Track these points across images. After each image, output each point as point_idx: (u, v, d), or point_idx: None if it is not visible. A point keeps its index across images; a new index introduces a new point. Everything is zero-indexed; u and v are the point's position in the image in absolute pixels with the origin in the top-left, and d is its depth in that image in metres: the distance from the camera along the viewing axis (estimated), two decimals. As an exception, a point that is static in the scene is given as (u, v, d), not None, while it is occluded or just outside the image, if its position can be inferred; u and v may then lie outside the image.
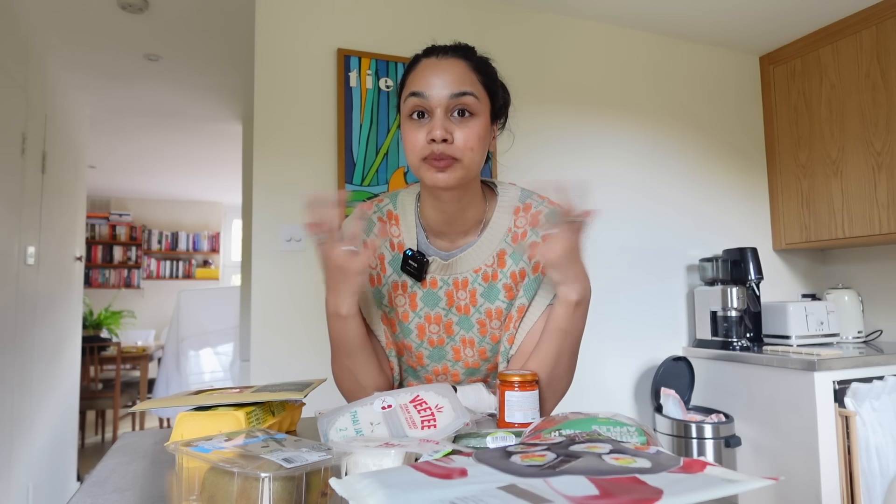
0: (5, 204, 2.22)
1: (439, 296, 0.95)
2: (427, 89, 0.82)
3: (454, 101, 0.82)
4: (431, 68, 0.84)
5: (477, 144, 0.83)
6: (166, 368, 4.59)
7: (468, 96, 0.82)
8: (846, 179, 2.49)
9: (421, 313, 0.96)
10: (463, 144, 0.82)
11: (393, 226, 0.97)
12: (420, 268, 0.92)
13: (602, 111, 2.50)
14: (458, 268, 0.94)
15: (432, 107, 0.82)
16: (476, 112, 0.83)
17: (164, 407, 0.81)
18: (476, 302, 0.94)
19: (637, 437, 0.66)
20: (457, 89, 0.82)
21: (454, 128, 0.82)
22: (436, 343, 0.97)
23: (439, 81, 0.82)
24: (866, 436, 1.99)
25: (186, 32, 2.59)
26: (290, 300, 1.94)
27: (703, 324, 2.48)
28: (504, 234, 0.93)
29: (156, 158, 4.98)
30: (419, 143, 0.83)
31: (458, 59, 0.85)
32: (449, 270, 0.94)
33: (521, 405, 0.83)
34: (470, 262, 0.93)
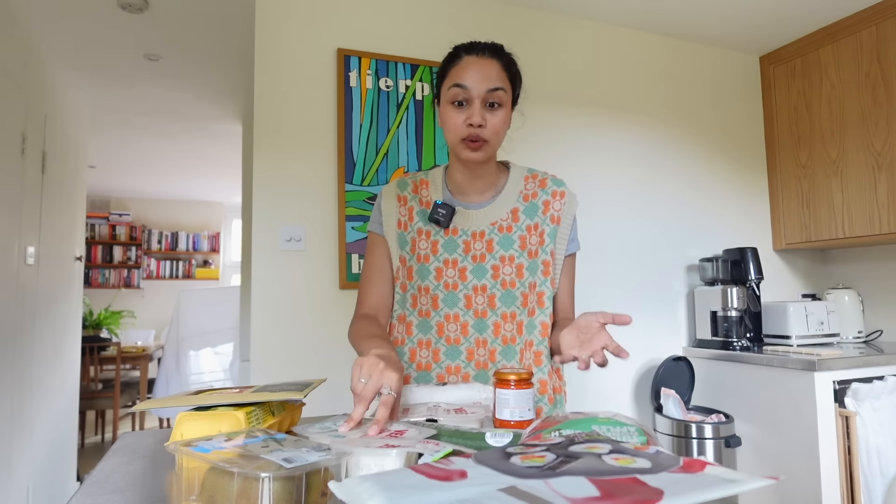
0: (5, 204, 2.22)
1: (458, 243, 1.12)
2: (469, 82, 1.03)
3: (489, 94, 1.03)
4: (473, 65, 1.04)
5: (502, 129, 1.06)
6: (166, 368, 4.59)
7: (499, 91, 1.04)
8: (846, 179, 2.49)
9: (440, 258, 1.12)
10: (492, 129, 1.04)
11: (423, 188, 1.18)
12: (447, 215, 1.11)
13: (602, 111, 2.50)
14: (477, 220, 1.13)
15: (472, 97, 1.03)
16: (503, 103, 1.05)
17: (164, 407, 0.81)
18: (493, 249, 1.11)
19: (637, 438, 0.66)
20: (492, 85, 1.03)
21: (487, 115, 1.04)
22: (450, 287, 1.12)
23: (479, 77, 1.03)
24: (866, 436, 1.99)
25: (186, 32, 2.59)
26: (290, 300, 1.94)
27: (703, 324, 2.48)
28: (517, 195, 1.14)
29: (156, 158, 4.98)
30: (459, 126, 1.04)
31: (494, 59, 1.05)
32: (469, 221, 1.13)
33: (515, 403, 0.83)
34: (488, 217, 1.13)
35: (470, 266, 1.11)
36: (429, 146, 2.15)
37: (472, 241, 1.12)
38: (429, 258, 1.13)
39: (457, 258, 1.12)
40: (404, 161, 2.10)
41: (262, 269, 1.92)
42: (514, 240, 1.11)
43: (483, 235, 1.12)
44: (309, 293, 1.96)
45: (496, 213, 1.13)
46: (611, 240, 2.46)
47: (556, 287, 1.13)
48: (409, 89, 2.14)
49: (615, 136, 2.52)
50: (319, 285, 1.97)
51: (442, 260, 1.12)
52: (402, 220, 1.15)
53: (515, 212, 1.13)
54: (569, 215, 1.13)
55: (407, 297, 1.14)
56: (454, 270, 1.12)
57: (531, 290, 1.11)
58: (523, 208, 1.13)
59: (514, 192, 1.14)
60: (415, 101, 2.14)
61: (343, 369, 1.97)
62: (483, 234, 1.12)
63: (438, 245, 1.13)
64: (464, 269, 1.12)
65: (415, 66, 2.16)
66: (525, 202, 1.14)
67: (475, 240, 1.12)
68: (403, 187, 1.18)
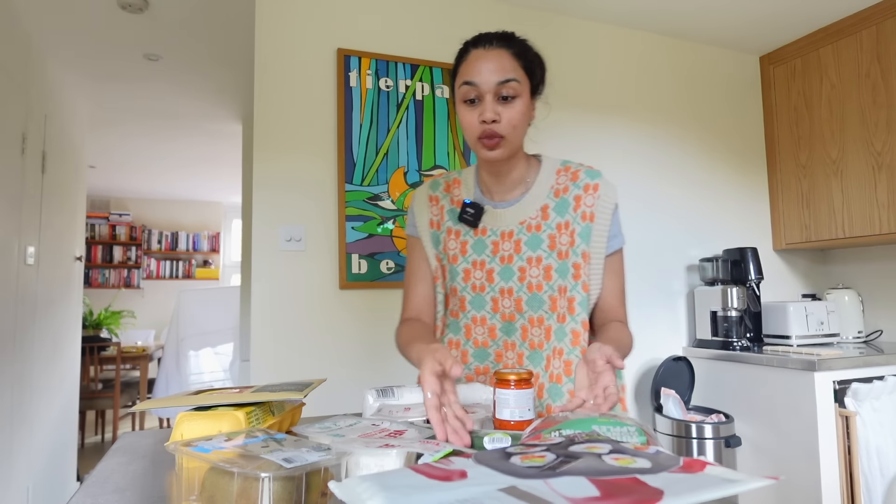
0: (5, 204, 2.22)
1: (486, 243, 1.08)
2: (477, 78, 0.97)
3: (500, 87, 0.97)
4: (480, 59, 0.98)
5: (519, 121, 0.99)
6: (166, 368, 4.58)
7: (511, 82, 0.97)
8: (846, 179, 2.49)
9: (469, 258, 1.09)
10: (508, 123, 0.98)
11: (455, 188, 1.15)
12: (475, 214, 1.08)
13: (602, 111, 2.50)
14: (506, 219, 1.08)
15: (482, 93, 0.97)
16: (518, 94, 0.98)
17: (164, 407, 0.81)
18: (520, 250, 1.06)
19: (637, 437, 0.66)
20: (502, 77, 0.97)
21: (500, 109, 0.98)
22: (477, 289, 1.08)
23: (487, 71, 0.97)
24: (866, 436, 1.99)
25: (186, 32, 2.59)
26: (290, 300, 1.94)
27: (703, 324, 2.48)
28: (548, 191, 1.07)
29: (156, 158, 4.98)
30: (473, 124, 0.99)
31: (502, 48, 0.99)
32: (498, 221, 1.08)
33: (515, 403, 0.83)
34: (517, 215, 1.07)
35: (497, 267, 1.07)
36: (429, 146, 2.15)
37: (501, 242, 1.07)
38: (457, 259, 1.10)
39: (485, 259, 1.08)
40: (404, 161, 2.10)
41: (262, 269, 1.92)
42: (542, 239, 1.05)
43: (511, 235, 1.07)
44: (309, 293, 1.96)
45: (525, 211, 1.07)
46: (611, 240, 2.46)
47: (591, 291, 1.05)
48: (409, 89, 2.14)
49: (615, 135, 2.52)
50: (319, 285, 1.97)
51: (470, 261, 1.09)
52: (433, 219, 1.14)
53: (545, 209, 1.06)
54: (605, 210, 1.04)
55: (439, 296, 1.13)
56: (482, 272, 1.08)
57: (561, 295, 1.04)
58: (554, 205, 1.06)
59: (544, 188, 1.08)
60: (415, 101, 2.14)
61: (343, 369, 1.97)
62: (511, 233, 1.07)
63: (467, 245, 1.10)
64: (491, 271, 1.07)
65: (415, 66, 2.16)
66: (556, 198, 1.06)
67: (503, 240, 1.07)
68: (435, 187, 1.16)
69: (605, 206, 1.04)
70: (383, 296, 2.05)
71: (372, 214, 2.04)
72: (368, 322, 2.02)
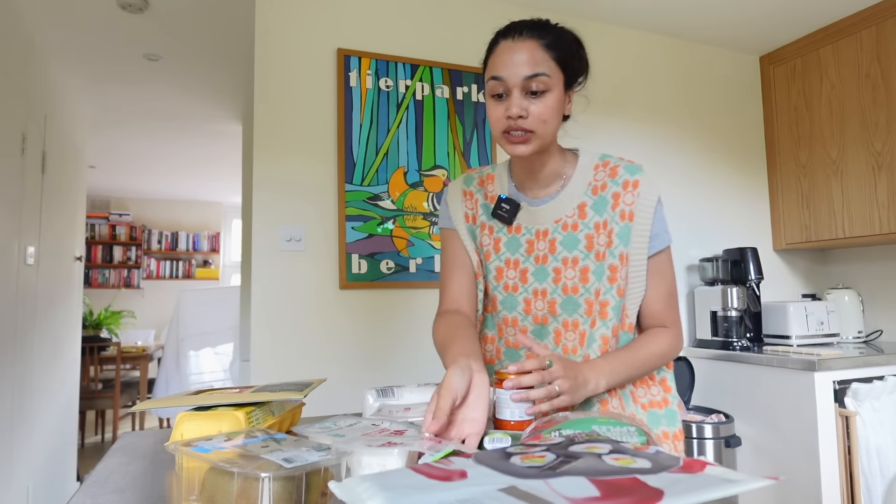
0: (5, 204, 2.22)
1: (521, 242, 1.03)
2: (504, 72, 0.92)
3: (528, 82, 0.91)
4: (508, 52, 0.93)
5: (550, 116, 0.93)
6: (166, 368, 4.59)
7: (540, 77, 0.91)
8: (846, 179, 2.49)
9: (502, 257, 1.04)
10: (537, 118, 0.92)
11: (489, 183, 1.10)
12: (511, 211, 1.02)
13: (602, 111, 2.50)
14: (541, 217, 1.02)
15: (509, 87, 0.92)
16: (549, 87, 0.92)
17: (164, 407, 0.81)
18: (555, 250, 1.00)
19: (637, 438, 0.66)
20: (529, 71, 0.91)
21: (529, 104, 0.92)
22: (510, 289, 1.03)
23: (514, 64, 0.91)
24: (866, 436, 1.99)
25: (186, 32, 2.59)
26: (290, 300, 1.94)
27: (703, 324, 2.48)
28: (585, 188, 1.01)
29: (156, 158, 4.98)
30: (500, 119, 0.94)
31: (532, 39, 0.93)
32: (533, 219, 1.02)
33: (514, 403, 0.83)
34: (553, 213, 1.01)
35: (532, 268, 1.01)
36: (429, 146, 2.15)
37: (536, 241, 1.02)
38: (490, 255, 1.05)
39: (519, 258, 1.03)
40: (404, 161, 2.10)
41: (262, 269, 1.92)
42: (579, 239, 0.99)
43: (546, 234, 1.01)
44: (309, 293, 1.96)
45: (561, 208, 1.01)
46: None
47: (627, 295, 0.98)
48: (409, 89, 2.14)
49: (615, 135, 2.52)
50: (319, 285, 1.97)
51: (503, 259, 1.04)
52: (469, 213, 1.09)
53: (583, 207, 1.00)
54: (646, 208, 0.97)
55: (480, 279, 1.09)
56: (515, 272, 1.03)
57: (596, 298, 0.98)
58: (591, 203, 0.99)
59: (581, 184, 1.01)
60: (415, 101, 2.14)
61: (343, 369, 1.97)
62: (546, 232, 1.01)
63: (501, 243, 1.05)
64: (525, 271, 1.02)
65: (415, 66, 2.16)
66: (594, 195, 1.00)
67: (538, 239, 1.01)
68: (469, 182, 1.11)
69: (645, 204, 0.97)
70: (383, 296, 2.05)
71: (372, 214, 2.04)
72: (368, 322, 2.02)
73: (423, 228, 2.10)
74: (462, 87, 2.22)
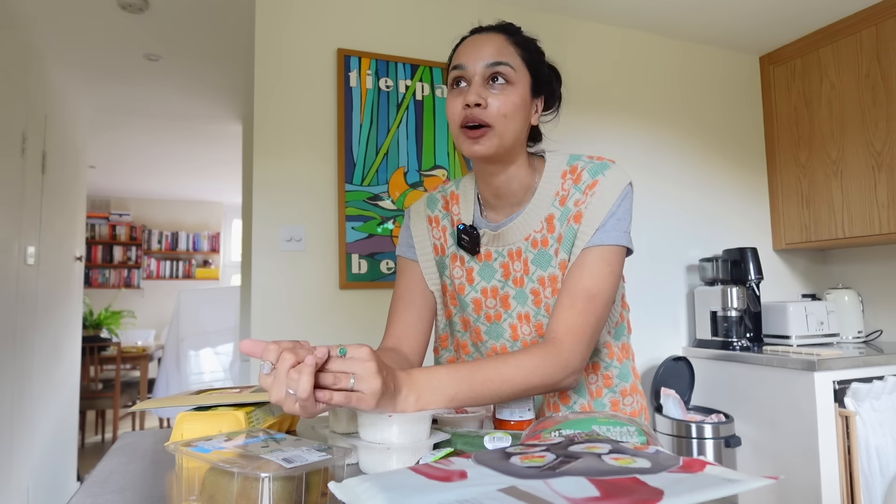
0: (5, 204, 2.22)
1: (494, 268, 0.94)
2: (465, 60, 0.87)
3: (490, 69, 0.85)
4: (472, 42, 0.89)
5: (511, 111, 0.85)
6: (166, 368, 4.59)
7: (504, 66, 0.85)
8: (846, 179, 2.49)
9: (477, 287, 0.95)
10: (497, 111, 0.84)
11: (454, 204, 1.00)
12: (472, 241, 0.94)
13: (602, 111, 2.50)
14: (509, 237, 0.93)
15: (470, 76, 0.86)
16: (512, 81, 0.86)
17: (164, 407, 0.81)
18: (528, 270, 0.91)
19: (637, 438, 0.66)
20: (492, 59, 0.85)
21: (489, 95, 0.85)
22: (493, 318, 0.95)
23: (477, 52, 0.86)
24: (866, 436, 1.99)
25: (186, 32, 2.59)
26: (290, 300, 1.94)
27: (703, 324, 2.48)
28: (552, 199, 0.91)
29: (156, 158, 4.98)
30: (456, 110, 0.86)
31: (499, 33, 0.90)
32: (500, 241, 0.93)
33: (514, 403, 0.83)
34: (520, 231, 0.92)
35: (512, 292, 0.93)
36: (429, 146, 2.15)
37: (511, 262, 0.92)
38: (464, 288, 0.96)
39: (496, 285, 0.94)
40: (404, 161, 2.10)
41: (262, 269, 1.92)
42: (550, 255, 0.90)
43: (520, 254, 0.92)
44: (309, 293, 1.96)
45: (529, 224, 0.91)
46: (611, 240, 2.46)
47: None
48: (409, 89, 2.14)
49: (615, 136, 2.52)
50: (319, 285, 1.97)
51: (479, 289, 0.95)
52: (437, 244, 1.00)
53: (551, 219, 0.90)
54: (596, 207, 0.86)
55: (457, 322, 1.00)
56: (495, 300, 0.94)
57: None
58: (559, 214, 0.90)
59: (548, 195, 0.91)
60: (415, 101, 2.14)
61: (343, 369, 1.97)
62: (520, 252, 0.92)
63: (474, 273, 0.95)
64: (506, 297, 0.93)
65: (415, 66, 2.16)
66: (561, 206, 0.90)
67: (513, 260, 0.92)
68: (433, 206, 1.02)
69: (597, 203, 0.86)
70: (383, 296, 2.05)
71: (372, 214, 2.04)
72: (368, 322, 2.02)
73: (423, 228, 2.10)
74: (462, 87, 2.22)
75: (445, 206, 1.01)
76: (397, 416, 0.68)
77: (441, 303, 1.03)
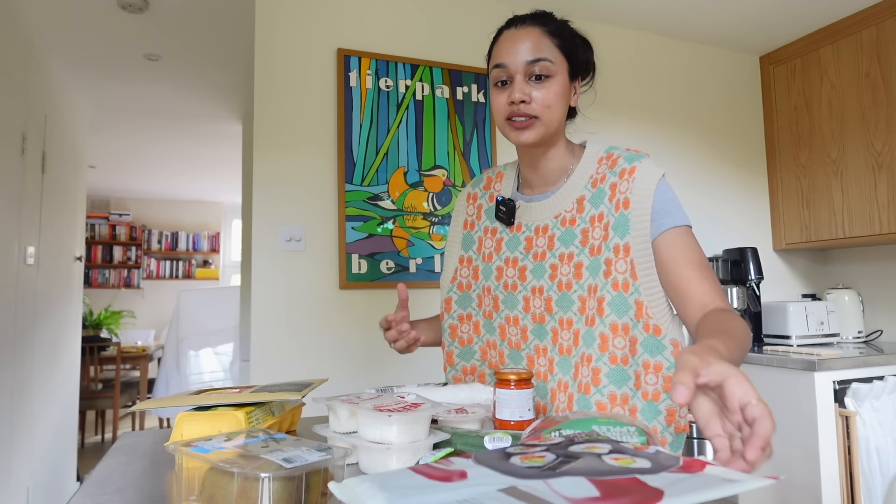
0: (5, 204, 2.22)
1: (520, 240, 1.02)
2: (506, 58, 0.93)
3: (530, 66, 0.91)
4: (510, 39, 0.94)
5: (554, 102, 0.93)
6: (166, 368, 4.59)
7: (543, 62, 0.91)
8: (846, 179, 2.49)
9: (503, 256, 1.04)
10: (541, 104, 0.92)
11: (497, 182, 1.11)
12: (507, 211, 1.03)
13: (601, 111, 2.50)
14: (540, 213, 1.01)
15: (512, 73, 0.93)
16: (552, 74, 0.92)
17: (164, 407, 0.81)
18: (553, 246, 0.98)
19: (637, 438, 0.66)
20: (531, 56, 0.91)
21: (532, 90, 0.92)
22: (510, 287, 1.02)
23: (516, 50, 0.92)
24: (866, 436, 1.99)
25: (186, 32, 2.59)
26: (290, 300, 1.94)
27: (703, 324, 2.48)
28: (586, 181, 0.98)
29: (155, 158, 4.98)
30: (502, 107, 0.94)
31: (534, 26, 0.94)
32: (532, 215, 1.01)
33: (515, 403, 0.83)
34: (552, 208, 0.99)
35: (530, 265, 0.99)
36: (429, 146, 2.15)
37: (535, 238, 1.00)
38: (492, 257, 1.05)
39: (517, 256, 1.01)
40: (404, 161, 2.10)
41: (262, 269, 1.92)
42: (575, 234, 0.96)
43: (546, 230, 0.99)
44: (309, 293, 1.96)
45: (561, 203, 0.99)
46: (611, 240, 2.46)
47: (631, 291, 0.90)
48: (409, 89, 2.14)
49: (615, 136, 2.52)
50: (319, 285, 1.97)
51: (504, 258, 1.03)
52: (468, 219, 1.12)
53: (581, 200, 0.97)
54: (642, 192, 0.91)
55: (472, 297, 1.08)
56: (514, 270, 1.01)
57: (591, 295, 0.92)
58: (590, 196, 0.96)
59: (583, 178, 0.98)
60: (415, 101, 2.14)
61: (343, 369, 1.97)
62: (546, 228, 0.99)
63: (503, 243, 1.04)
64: (524, 269, 1.00)
65: (415, 66, 2.16)
66: (593, 188, 0.96)
67: (538, 235, 1.00)
68: (477, 184, 1.14)
69: (642, 189, 0.91)
70: (383, 296, 2.05)
71: (372, 214, 2.04)
72: (368, 322, 2.02)
73: (423, 228, 2.10)
74: (462, 87, 2.22)
75: (487, 185, 1.12)
76: (397, 416, 0.68)
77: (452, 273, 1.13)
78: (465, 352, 1.11)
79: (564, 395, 0.94)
